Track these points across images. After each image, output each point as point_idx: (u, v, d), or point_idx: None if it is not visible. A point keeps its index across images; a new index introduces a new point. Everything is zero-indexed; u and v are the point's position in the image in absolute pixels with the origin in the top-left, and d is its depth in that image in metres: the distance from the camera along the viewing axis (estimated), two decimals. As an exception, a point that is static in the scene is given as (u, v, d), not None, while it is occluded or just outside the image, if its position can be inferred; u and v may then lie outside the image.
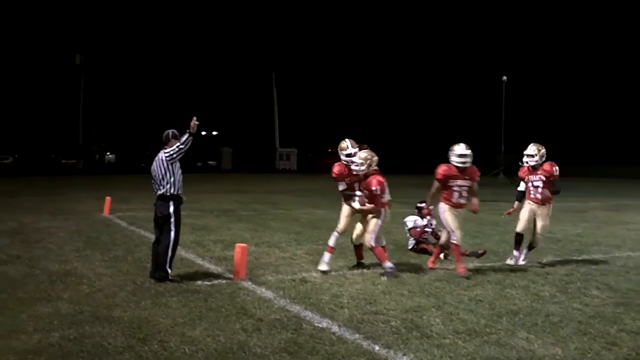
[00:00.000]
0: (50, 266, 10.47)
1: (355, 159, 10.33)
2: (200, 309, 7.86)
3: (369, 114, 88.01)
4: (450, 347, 6.57)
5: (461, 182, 10.33)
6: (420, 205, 13.19)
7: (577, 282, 9.84)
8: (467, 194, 10.41)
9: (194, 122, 9.46)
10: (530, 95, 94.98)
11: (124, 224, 16.38)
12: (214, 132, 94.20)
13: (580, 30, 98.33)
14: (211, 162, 78.89)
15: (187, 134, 9.48)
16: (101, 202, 19.68)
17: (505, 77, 69.67)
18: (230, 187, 34.89)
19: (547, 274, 10.28)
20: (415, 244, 12.67)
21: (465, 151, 10.33)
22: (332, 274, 10.21)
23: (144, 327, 7.05)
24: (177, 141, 9.59)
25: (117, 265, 10.69)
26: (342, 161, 10.65)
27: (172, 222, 9.51)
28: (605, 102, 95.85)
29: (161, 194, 9.54)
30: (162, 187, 9.52)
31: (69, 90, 71.83)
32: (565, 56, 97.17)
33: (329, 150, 73.04)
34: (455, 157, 10.35)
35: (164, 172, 9.50)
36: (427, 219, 12.89)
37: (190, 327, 7.10)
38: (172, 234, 9.48)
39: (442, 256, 11.80)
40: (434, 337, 6.88)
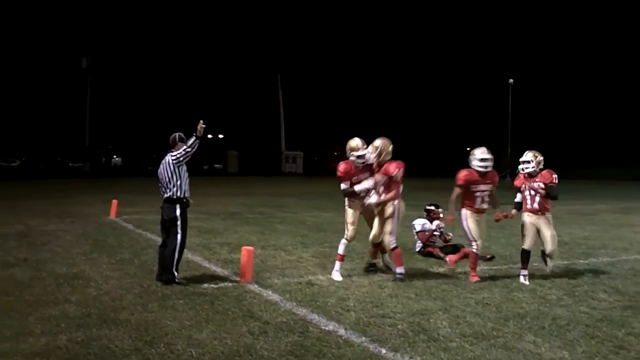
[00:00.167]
0: (57, 269, 10.49)
1: (368, 148, 10.14)
2: (206, 312, 7.87)
3: (375, 117, 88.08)
4: (457, 350, 6.56)
5: (483, 186, 10.15)
6: (429, 207, 13.15)
7: (584, 286, 9.82)
8: (488, 198, 10.23)
9: (200, 125, 9.48)
10: (536, 98, 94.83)
11: (130, 226, 16.41)
12: (220, 135, 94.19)
13: (585, 33, 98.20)
14: (217, 165, 78.86)
15: (193, 137, 9.50)
16: (108, 205, 19.71)
17: (511, 80, 69.71)
18: (236, 190, 34.92)
19: (554, 277, 10.25)
20: (422, 247, 12.66)
21: (487, 155, 10.15)
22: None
23: (150, 329, 7.06)
24: (183, 144, 9.61)
25: (123, 268, 10.70)
26: (350, 160, 10.31)
27: (179, 225, 9.53)
28: (613, 104, 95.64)
29: (168, 197, 9.57)
30: (168, 190, 9.54)
31: (76, 93, 72.02)
32: (571, 59, 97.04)
33: (335, 153, 73.08)
34: (477, 162, 10.14)
35: (170, 175, 9.52)
36: (436, 222, 12.87)
37: (196, 329, 7.11)
38: (179, 236, 9.50)
39: (448, 259, 11.80)
40: (441, 340, 6.87)
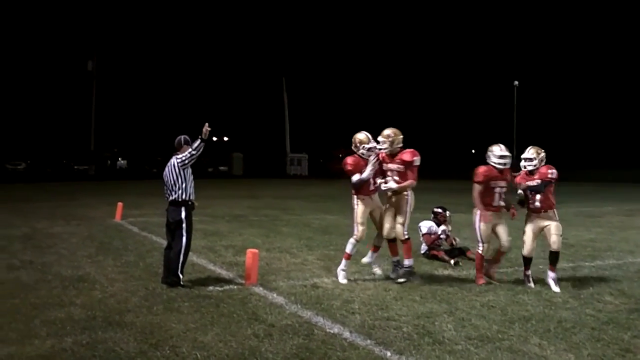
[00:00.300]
0: (62, 271, 10.50)
1: (378, 138, 9.96)
2: (211, 315, 7.87)
3: (380, 119, 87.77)
4: (462, 353, 6.55)
5: (502, 183, 9.99)
6: (436, 210, 13.11)
7: (590, 288, 9.79)
8: (504, 196, 10.11)
9: (205, 128, 9.50)
10: (541, 100, 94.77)
11: (135, 229, 16.41)
12: (225, 138, 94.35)
13: (590, 36, 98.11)
14: (222, 168, 79.01)
15: (199, 140, 9.51)
16: (113, 208, 19.73)
17: (516, 82, 69.73)
18: (241, 193, 34.94)
19: (560, 280, 10.21)
20: (427, 250, 12.63)
21: (505, 152, 10.02)
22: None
23: (156, 332, 7.07)
24: (189, 147, 9.63)
25: (129, 270, 10.71)
26: (358, 154, 10.01)
27: (184, 227, 9.53)
28: (617, 106, 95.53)
29: (173, 200, 9.58)
30: (174, 193, 9.55)
31: (81, 96, 72.19)
32: (576, 61, 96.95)
33: (340, 155, 73.10)
34: (495, 159, 9.97)
35: (175, 178, 9.53)
36: (442, 226, 12.84)
37: (202, 332, 7.11)
38: (184, 239, 9.51)
39: (453, 262, 11.78)
40: (446, 343, 6.86)
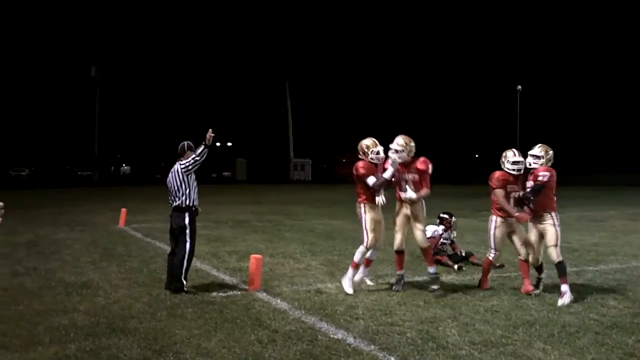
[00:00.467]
0: (66, 278, 10.52)
1: (392, 146, 9.68)
2: (215, 320, 7.88)
3: (383, 124, 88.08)
4: (466, 358, 6.56)
5: (517, 188, 9.83)
6: (442, 215, 13.06)
7: (594, 293, 9.78)
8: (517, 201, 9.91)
9: (209, 134, 9.52)
10: (545, 104, 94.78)
11: (139, 235, 16.43)
12: (229, 143, 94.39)
13: (593, 40, 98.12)
14: (226, 173, 79.01)
15: (202, 146, 9.53)
16: (117, 214, 19.75)
17: (520, 87, 69.74)
18: (245, 198, 34.94)
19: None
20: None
21: (519, 158, 9.83)
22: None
23: (159, 338, 7.07)
24: (192, 153, 9.65)
25: (132, 276, 10.72)
26: (368, 160, 9.80)
27: (188, 233, 9.55)
28: (621, 111, 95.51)
29: (177, 206, 9.59)
30: (177, 199, 9.57)
31: (85, 102, 72.31)
32: (578, 65, 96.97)
33: (343, 160, 73.11)
34: (509, 165, 9.79)
35: (179, 184, 9.55)
36: (448, 231, 12.82)
37: (205, 338, 7.11)
38: (188, 245, 9.52)
39: (456, 267, 11.77)
40: (450, 348, 6.85)
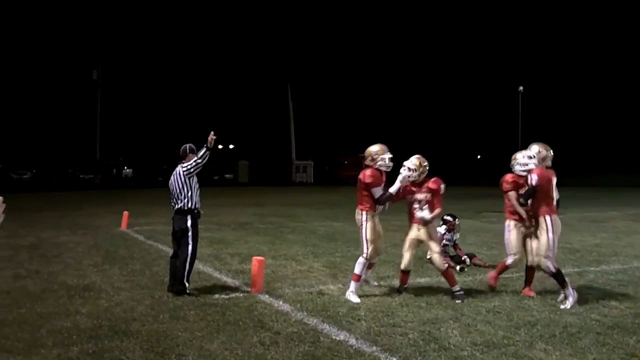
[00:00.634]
0: (68, 281, 10.54)
1: (406, 163, 9.47)
2: (217, 322, 7.89)
3: (385, 126, 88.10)
4: (468, 359, 6.56)
5: None
6: (446, 218, 13.03)
7: (595, 293, 9.78)
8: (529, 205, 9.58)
9: (211, 136, 9.53)
10: (546, 105, 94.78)
11: (141, 238, 16.44)
12: (231, 146, 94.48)
13: (595, 41, 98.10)
14: (228, 176, 79.07)
15: (204, 149, 9.55)
16: (119, 217, 19.76)
17: (521, 88, 69.77)
18: (247, 200, 34.95)
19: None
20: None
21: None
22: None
23: (162, 340, 7.09)
24: (194, 155, 9.68)
25: (135, 279, 10.74)
26: (375, 167, 9.55)
27: (190, 235, 9.57)
28: (622, 112, 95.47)
29: (179, 208, 9.62)
30: (179, 201, 9.59)
31: (86, 105, 72.29)
32: (580, 66, 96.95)
33: (345, 162, 73.16)
34: (520, 167, 9.64)
35: (181, 187, 9.57)
36: (451, 233, 12.81)
37: (208, 340, 7.12)
38: (190, 247, 9.54)
39: (458, 269, 11.78)
40: (452, 349, 6.86)
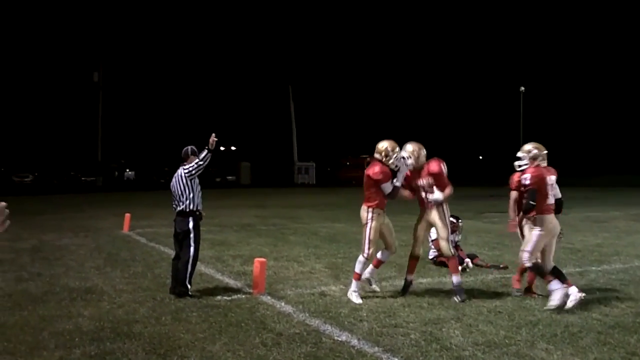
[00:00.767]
0: (70, 283, 10.55)
1: (402, 153, 9.47)
2: (220, 324, 7.90)
3: (387, 127, 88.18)
4: (469, 359, 6.57)
5: None
6: (450, 219, 12.99)
7: (597, 293, 9.78)
8: None
9: (212, 138, 9.56)
10: (548, 105, 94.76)
11: (143, 240, 16.46)
12: (233, 147, 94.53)
13: (596, 40, 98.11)
14: (230, 177, 79.10)
15: (205, 151, 9.58)
16: (121, 219, 19.77)
17: (522, 88, 69.75)
18: (249, 202, 34.93)
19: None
20: (435, 256, 12.60)
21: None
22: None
23: (164, 342, 7.09)
24: (196, 157, 9.69)
25: (137, 281, 10.75)
26: (388, 164, 9.43)
27: (192, 237, 9.58)
28: (623, 112, 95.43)
29: (181, 210, 9.63)
30: (181, 204, 9.61)
31: (88, 107, 72.35)
32: (581, 66, 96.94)
33: (347, 163, 73.20)
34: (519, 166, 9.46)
35: (183, 189, 9.59)
36: (454, 234, 12.80)
37: (210, 342, 7.13)
38: (192, 249, 9.55)
39: (460, 269, 11.76)
40: (454, 349, 6.87)
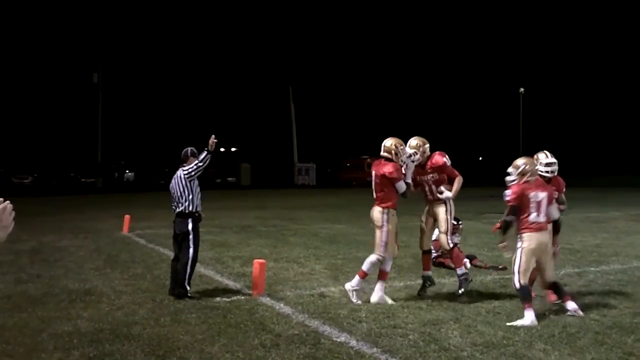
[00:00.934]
0: (70, 285, 10.57)
1: (407, 149, 9.45)
2: (219, 325, 7.92)
3: (386, 127, 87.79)
4: (468, 359, 6.59)
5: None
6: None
7: (595, 293, 9.83)
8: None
9: (212, 140, 9.59)
10: (547, 106, 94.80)
11: (143, 241, 16.48)
12: (233, 149, 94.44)
13: (596, 41, 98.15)
14: (230, 179, 78.94)
15: (205, 152, 9.61)
16: (120, 221, 19.77)
17: (522, 89, 69.77)
18: (249, 203, 34.91)
19: (565, 285, 10.17)
20: (435, 257, 12.57)
21: (552, 159, 9.51)
22: (350, 288, 10.20)
23: (163, 344, 7.11)
24: (195, 159, 9.72)
25: (136, 283, 10.77)
26: (397, 161, 9.37)
27: (191, 239, 9.60)
28: (623, 112, 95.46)
29: (180, 212, 9.66)
30: (180, 205, 9.63)
31: (87, 109, 72.26)
32: (581, 67, 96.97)
33: (348, 164, 73.16)
34: (543, 167, 9.39)
35: (182, 190, 9.61)
36: (454, 235, 12.79)
37: (209, 343, 7.15)
38: (191, 250, 9.57)
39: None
40: (452, 350, 6.89)
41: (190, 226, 9.63)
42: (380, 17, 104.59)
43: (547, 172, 9.37)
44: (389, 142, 9.49)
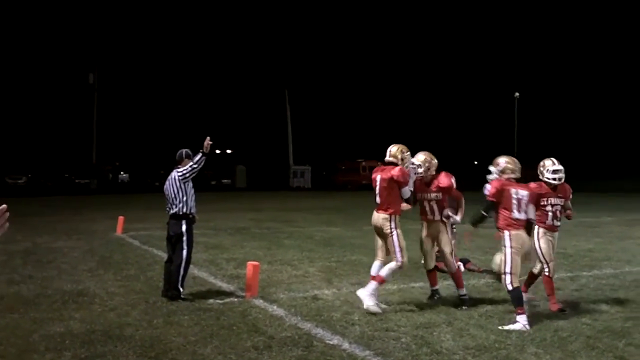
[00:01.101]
0: (62, 286, 10.56)
1: (413, 160, 9.51)
2: (211, 327, 7.92)
3: (382, 131, 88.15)
4: (459, 363, 6.61)
5: (555, 200, 9.38)
6: None
7: (587, 297, 9.85)
8: (560, 214, 9.46)
9: (207, 142, 9.60)
10: (542, 110, 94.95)
11: (136, 243, 16.48)
12: (228, 151, 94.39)
13: (591, 46, 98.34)
14: (225, 181, 78.87)
15: (200, 154, 9.62)
16: (114, 222, 19.77)
17: (517, 94, 69.87)
18: (244, 206, 34.91)
19: (557, 289, 10.21)
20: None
21: (558, 166, 9.41)
22: (344, 291, 10.23)
23: (155, 345, 7.11)
24: (190, 161, 9.73)
25: (129, 284, 10.77)
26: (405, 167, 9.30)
27: (185, 240, 9.61)
28: (616, 117, 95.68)
29: (174, 213, 9.67)
30: (174, 206, 9.64)
31: (83, 109, 72.24)
32: (575, 72, 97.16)
33: (343, 167, 73.15)
34: (549, 174, 9.36)
35: (176, 192, 9.62)
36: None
37: (201, 345, 7.15)
38: (185, 252, 9.58)
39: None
40: (444, 353, 6.91)
41: (184, 228, 9.65)
42: (376, 22, 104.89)
43: (553, 179, 9.34)
44: (394, 148, 9.44)
